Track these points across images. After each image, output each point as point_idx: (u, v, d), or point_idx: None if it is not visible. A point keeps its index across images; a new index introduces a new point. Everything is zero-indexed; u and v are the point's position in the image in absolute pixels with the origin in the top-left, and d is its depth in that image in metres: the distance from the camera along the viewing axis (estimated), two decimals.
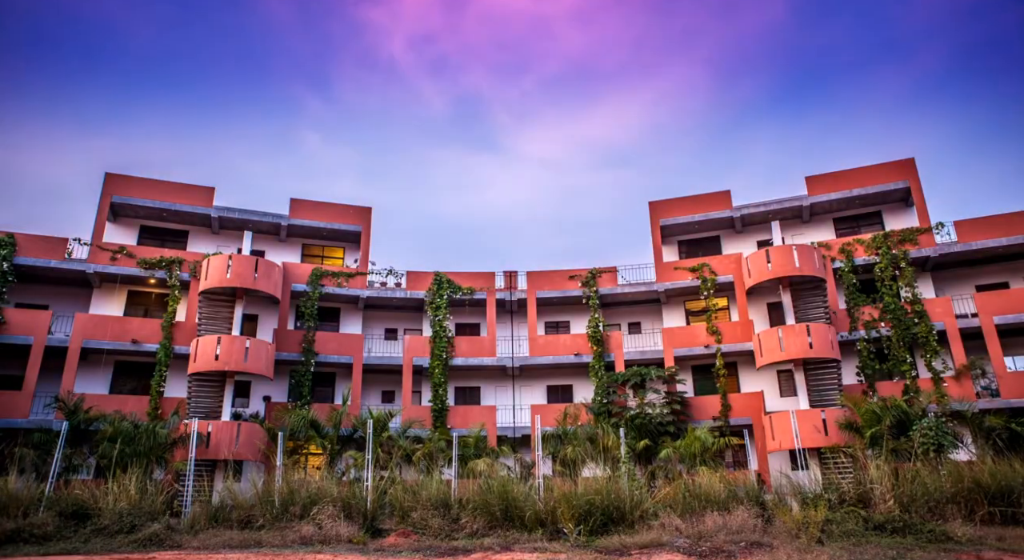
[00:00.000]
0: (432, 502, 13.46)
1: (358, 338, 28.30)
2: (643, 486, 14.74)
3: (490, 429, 26.69)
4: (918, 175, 27.01)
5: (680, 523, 12.10)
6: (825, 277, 25.66)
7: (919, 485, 13.11)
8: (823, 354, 23.82)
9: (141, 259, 26.35)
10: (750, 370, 27.59)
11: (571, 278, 30.00)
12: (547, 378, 30.15)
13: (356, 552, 10.88)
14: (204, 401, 24.08)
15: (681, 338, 27.93)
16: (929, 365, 24.14)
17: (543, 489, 13.81)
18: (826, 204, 28.44)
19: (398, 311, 31.16)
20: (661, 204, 30.51)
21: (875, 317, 25.44)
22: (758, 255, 26.19)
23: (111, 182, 27.26)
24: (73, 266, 25.69)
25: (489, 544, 11.29)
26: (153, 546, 12.06)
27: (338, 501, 13.47)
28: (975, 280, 26.83)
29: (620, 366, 27.77)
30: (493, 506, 12.81)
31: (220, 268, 25.16)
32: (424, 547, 11.31)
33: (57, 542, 12.37)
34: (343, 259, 31.08)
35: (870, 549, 9.98)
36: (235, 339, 24.27)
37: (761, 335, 25.37)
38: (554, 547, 10.83)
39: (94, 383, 25.25)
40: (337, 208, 30.41)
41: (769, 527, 12.00)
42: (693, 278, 28.44)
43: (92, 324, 24.84)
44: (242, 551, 11.30)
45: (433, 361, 28.03)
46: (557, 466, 22.98)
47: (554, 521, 12.35)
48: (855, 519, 11.93)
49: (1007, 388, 23.33)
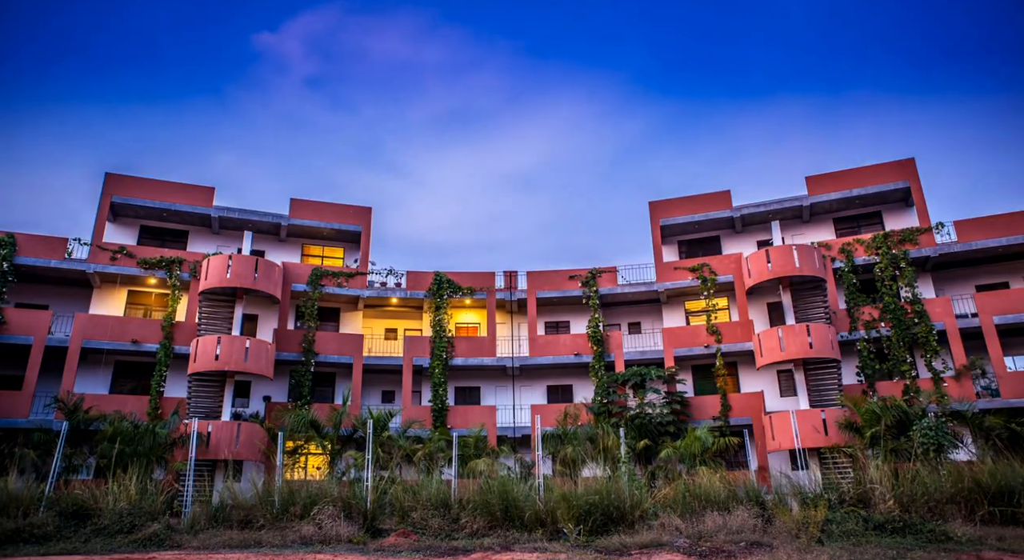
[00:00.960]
0: (432, 502, 13.46)
1: (358, 338, 28.30)
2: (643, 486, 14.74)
3: (490, 429, 26.69)
4: (918, 175, 27.02)
5: (680, 523, 12.10)
6: (825, 277, 25.66)
7: (919, 485, 13.10)
8: (823, 354, 23.82)
9: (141, 259, 26.36)
10: (750, 370, 27.60)
11: (571, 278, 30.00)
12: (547, 378, 30.14)
13: (356, 552, 10.87)
14: (204, 401, 24.07)
15: (681, 338, 27.93)
16: (929, 365, 24.14)
17: (543, 489, 13.81)
18: (826, 204, 28.43)
19: (398, 311, 31.16)
20: (661, 204, 30.52)
21: (875, 317, 25.45)
22: (758, 255, 26.19)
23: (111, 182, 27.26)
24: (73, 266, 25.69)
25: (489, 544, 11.29)
26: (153, 546, 12.06)
27: (338, 501, 13.46)
28: (975, 280, 26.84)
29: (620, 366, 27.77)
30: (493, 506, 12.81)
31: (220, 268, 25.16)
32: (424, 547, 11.31)
33: (57, 542, 12.36)
34: (343, 259, 31.08)
35: (870, 549, 9.98)
36: (235, 339, 24.27)
37: (761, 335, 25.37)
38: (554, 547, 10.83)
39: (94, 383, 25.26)
40: (337, 208, 30.41)
41: (769, 527, 11.99)
42: (693, 278, 28.45)
43: (92, 324, 24.84)
44: (242, 551, 11.30)
45: (433, 361, 28.03)
46: (557, 466, 22.99)
47: (554, 521, 12.35)
48: (855, 519, 11.92)
49: (1007, 388, 23.33)
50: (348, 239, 30.98)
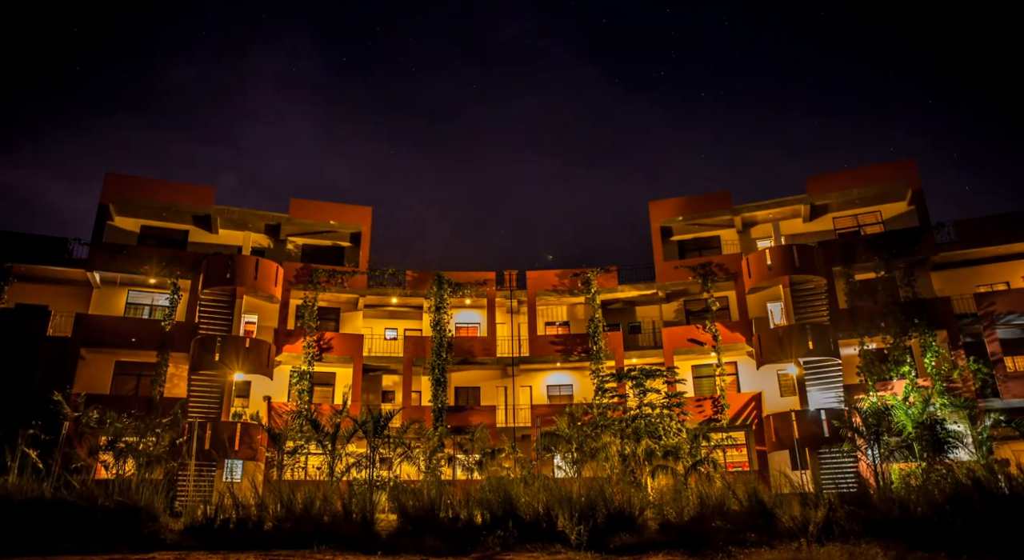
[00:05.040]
0: (432, 502, 13.45)
1: (358, 338, 28.28)
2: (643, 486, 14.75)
3: (490, 429, 26.68)
4: (918, 175, 26.99)
5: (680, 523, 12.09)
6: (825, 277, 25.64)
7: (919, 485, 13.10)
8: (823, 354, 23.81)
9: (141, 259, 26.31)
10: (750, 370, 27.58)
11: (572, 278, 29.98)
12: (547, 378, 30.13)
13: (356, 552, 10.87)
14: (204, 401, 24.06)
15: (681, 338, 27.92)
16: (929, 365, 24.12)
17: (543, 489, 13.80)
18: (826, 204, 28.41)
19: (398, 311, 31.14)
20: (661, 204, 30.50)
21: (875, 317, 25.40)
22: (758, 255, 26.18)
23: (111, 182, 27.23)
24: (73, 266, 25.66)
25: (489, 544, 11.29)
26: (153, 546, 12.05)
27: (338, 501, 13.45)
28: (975, 280, 26.80)
29: (620, 366, 27.75)
30: (493, 506, 12.80)
31: (220, 268, 25.14)
32: (424, 547, 11.31)
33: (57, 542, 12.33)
34: (343, 259, 31.06)
35: (870, 549, 9.97)
36: (235, 339, 24.26)
37: (761, 335, 25.36)
38: (554, 547, 10.83)
39: (94, 383, 25.23)
40: (337, 208, 30.40)
41: (769, 527, 11.98)
42: (693, 278, 28.43)
43: (92, 324, 24.81)
44: (243, 551, 11.30)
45: (433, 361, 28.01)
46: (557, 466, 23.00)
47: (554, 521, 12.34)
48: (855, 519, 11.91)
49: (1007, 388, 23.31)
50: (348, 239, 30.96)
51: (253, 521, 13.25)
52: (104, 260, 25.88)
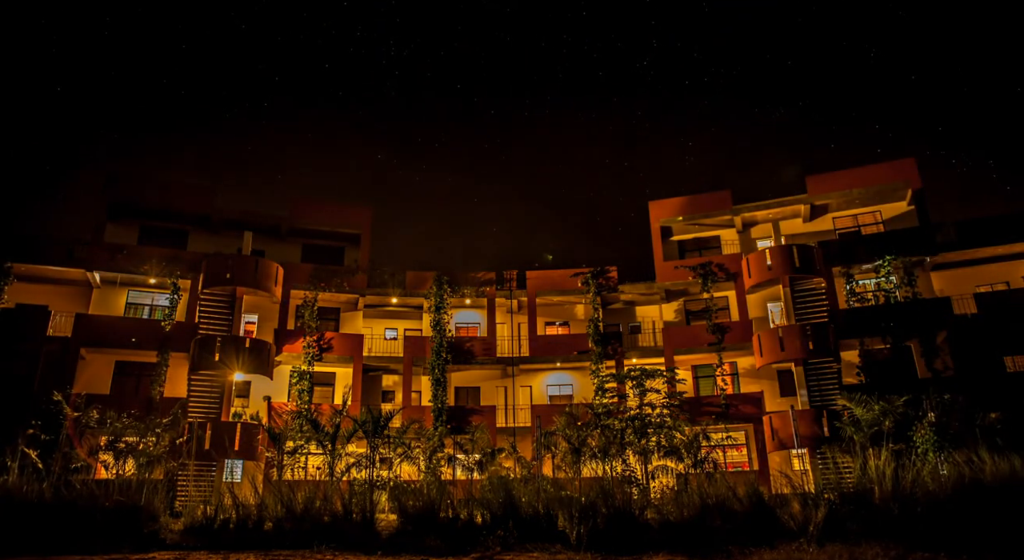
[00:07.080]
0: (432, 502, 13.45)
1: (358, 338, 28.28)
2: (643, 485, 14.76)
3: (490, 429, 26.68)
4: (918, 175, 26.99)
5: (680, 523, 12.09)
6: (825, 276, 25.65)
7: (920, 485, 13.09)
8: (823, 354, 23.81)
9: (141, 259, 26.31)
10: (750, 370, 27.58)
11: (572, 277, 29.99)
12: (547, 378, 30.14)
13: (357, 552, 10.88)
14: (204, 401, 24.06)
15: (681, 337, 27.93)
16: (929, 365, 24.12)
17: (543, 489, 13.81)
18: (826, 204, 28.42)
19: (398, 311, 31.14)
20: (661, 204, 30.51)
21: (875, 317, 25.38)
22: (758, 255, 26.19)
23: (111, 182, 27.23)
24: (73, 266, 25.66)
25: (489, 544, 11.29)
26: (153, 546, 12.05)
27: (338, 501, 13.45)
28: (975, 280, 26.79)
29: (620, 366, 27.76)
30: (493, 506, 12.80)
31: (220, 268, 25.13)
32: (425, 547, 11.31)
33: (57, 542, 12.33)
34: (343, 259, 31.06)
35: (870, 549, 9.97)
36: (235, 339, 24.26)
37: (761, 335, 25.36)
38: (554, 547, 10.83)
39: (94, 383, 25.22)
40: (337, 208, 30.40)
41: (769, 527, 11.98)
42: (693, 278, 28.43)
43: (92, 324, 24.81)
44: (243, 551, 11.30)
45: (433, 361, 28.01)
46: (557, 466, 23.01)
47: (554, 521, 12.34)
48: (855, 519, 11.90)
49: (1007, 388, 23.27)
50: (348, 239, 30.94)
51: (253, 521, 13.25)
52: (104, 260, 25.87)
